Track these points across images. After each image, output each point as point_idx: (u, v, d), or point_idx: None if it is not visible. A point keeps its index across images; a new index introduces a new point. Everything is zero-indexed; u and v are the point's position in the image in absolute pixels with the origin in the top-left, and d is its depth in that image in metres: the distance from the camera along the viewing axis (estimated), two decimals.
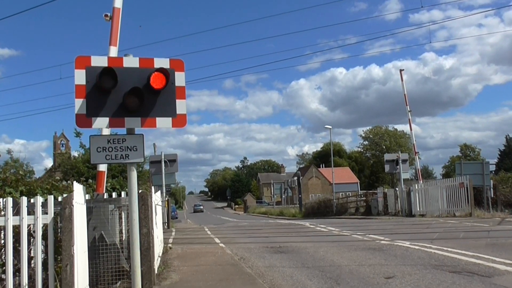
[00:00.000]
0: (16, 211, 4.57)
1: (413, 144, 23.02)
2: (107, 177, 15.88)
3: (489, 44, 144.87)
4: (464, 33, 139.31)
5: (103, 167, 7.37)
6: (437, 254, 7.80)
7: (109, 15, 7.86)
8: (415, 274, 6.24)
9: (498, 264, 6.56)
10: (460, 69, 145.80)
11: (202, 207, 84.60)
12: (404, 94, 23.51)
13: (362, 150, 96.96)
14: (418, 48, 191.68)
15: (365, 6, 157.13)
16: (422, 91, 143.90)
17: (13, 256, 4.47)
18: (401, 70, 24.50)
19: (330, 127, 41.39)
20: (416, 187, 20.99)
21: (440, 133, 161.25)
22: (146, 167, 21.64)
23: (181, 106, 5.19)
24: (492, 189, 19.40)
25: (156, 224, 7.70)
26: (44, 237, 4.64)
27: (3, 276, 4.51)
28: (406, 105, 23.43)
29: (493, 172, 25.44)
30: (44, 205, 4.69)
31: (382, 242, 10.22)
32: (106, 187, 10.14)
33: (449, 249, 8.20)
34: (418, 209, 20.34)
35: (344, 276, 6.41)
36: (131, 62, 5.05)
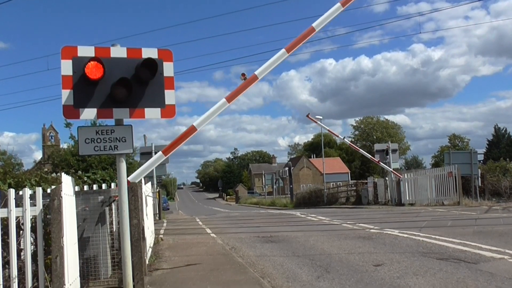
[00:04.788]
0: (4, 203, 4.53)
1: (371, 157, 23.13)
2: (97, 169, 15.76)
3: (476, 36, 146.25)
4: (451, 25, 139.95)
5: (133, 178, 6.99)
6: (425, 242, 7.92)
7: (246, 76, 7.24)
8: (403, 261, 6.35)
9: (484, 251, 6.69)
10: (448, 60, 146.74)
11: (183, 186, 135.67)
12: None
13: (353, 141, 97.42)
14: (407, 40, 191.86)
15: None
16: (411, 82, 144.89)
17: (2, 248, 4.44)
18: (307, 115, 24.99)
19: (321, 117, 41.09)
20: (406, 177, 21.20)
21: (429, 123, 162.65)
22: (137, 158, 21.55)
23: (169, 97, 5.17)
24: (479, 178, 19.70)
25: (146, 215, 7.70)
26: (33, 229, 4.61)
27: None
28: (337, 135, 23.73)
29: (481, 161, 25.80)
30: (33, 197, 4.66)
31: (372, 230, 10.35)
32: (95, 178, 10.10)
33: (437, 237, 8.34)
34: (407, 198, 20.57)
35: (334, 264, 6.49)
36: (118, 52, 5.00)
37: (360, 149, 25.91)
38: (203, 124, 6.17)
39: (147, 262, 6.56)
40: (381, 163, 22.42)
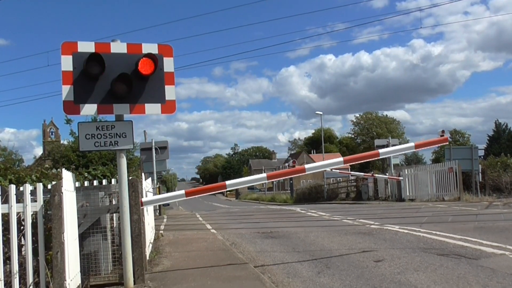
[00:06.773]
0: (5, 199, 4.53)
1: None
2: (97, 164, 15.71)
3: (475, 32, 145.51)
4: (451, 20, 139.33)
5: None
6: (425, 238, 7.93)
7: (295, 164, 7.11)
8: (404, 257, 6.35)
9: (485, 247, 6.69)
10: (448, 56, 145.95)
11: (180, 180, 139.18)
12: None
13: (352, 136, 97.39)
14: (406, 35, 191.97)
15: None
16: (411, 77, 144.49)
17: (3, 244, 4.44)
18: (293, 161, 25.64)
19: (321, 113, 41.24)
20: (406, 172, 21.20)
21: (429, 119, 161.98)
22: (137, 154, 21.55)
23: (170, 92, 5.16)
24: (480, 173, 19.68)
25: (147, 210, 7.70)
26: (34, 225, 4.62)
27: None
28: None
29: (481, 157, 25.76)
30: (34, 193, 4.65)
31: (372, 226, 10.35)
32: (96, 174, 10.08)
33: (438, 233, 8.34)
34: (407, 194, 20.57)
35: (334, 260, 6.50)
36: (118, 47, 4.99)
37: (352, 172, 26.62)
38: (234, 187, 6.49)
39: (147, 258, 6.57)
40: (376, 175, 22.74)
